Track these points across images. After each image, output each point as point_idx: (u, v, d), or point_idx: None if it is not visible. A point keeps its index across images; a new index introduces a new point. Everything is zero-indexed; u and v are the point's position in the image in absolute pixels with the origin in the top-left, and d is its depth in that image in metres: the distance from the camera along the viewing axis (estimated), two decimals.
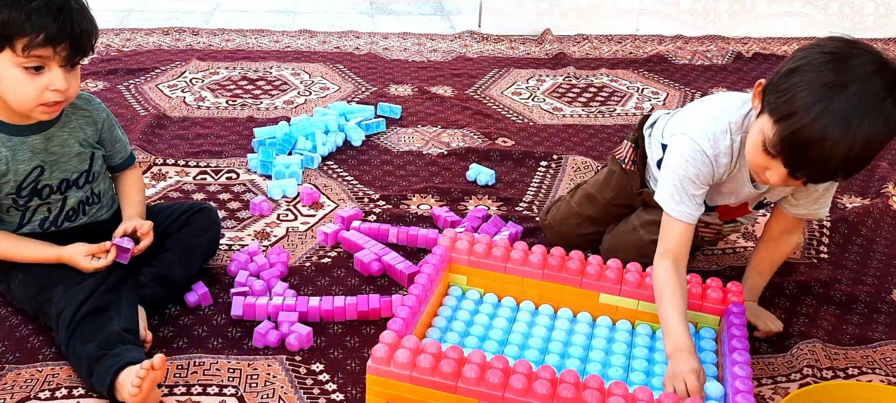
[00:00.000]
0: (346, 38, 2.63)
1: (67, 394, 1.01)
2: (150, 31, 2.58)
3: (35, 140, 1.08)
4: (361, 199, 1.56)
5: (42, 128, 1.09)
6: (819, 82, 0.88)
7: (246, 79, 2.20)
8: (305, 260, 1.35)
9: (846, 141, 0.87)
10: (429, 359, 0.94)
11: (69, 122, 1.12)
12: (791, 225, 1.18)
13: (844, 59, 0.90)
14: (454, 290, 1.21)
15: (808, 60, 0.92)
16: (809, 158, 0.90)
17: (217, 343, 1.12)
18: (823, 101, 0.87)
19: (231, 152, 1.74)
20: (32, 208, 1.11)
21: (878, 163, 1.81)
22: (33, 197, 1.10)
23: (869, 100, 0.87)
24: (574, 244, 1.34)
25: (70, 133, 1.11)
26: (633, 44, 2.73)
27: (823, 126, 0.87)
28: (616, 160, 1.34)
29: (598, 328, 1.15)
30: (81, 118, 1.13)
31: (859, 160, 0.90)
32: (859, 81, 0.88)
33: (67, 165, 1.11)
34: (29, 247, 1.10)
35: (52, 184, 1.10)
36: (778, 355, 1.15)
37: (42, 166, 1.09)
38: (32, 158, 1.08)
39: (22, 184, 1.08)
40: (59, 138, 1.10)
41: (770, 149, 0.93)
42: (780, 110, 0.91)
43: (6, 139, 1.06)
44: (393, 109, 1.98)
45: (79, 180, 1.13)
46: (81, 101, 1.14)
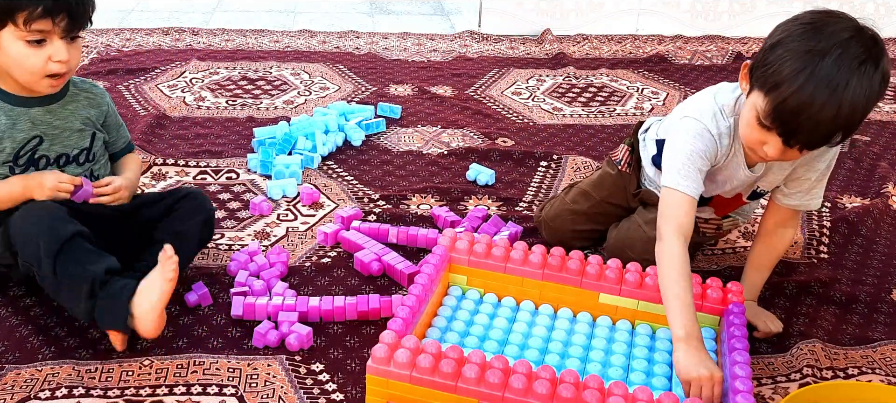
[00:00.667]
0: (346, 38, 2.64)
1: (67, 394, 1.01)
2: (150, 30, 2.58)
3: (37, 111, 1.11)
4: (361, 199, 1.56)
5: (45, 102, 1.12)
6: (801, 50, 0.93)
7: (246, 79, 2.20)
8: (305, 259, 1.35)
9: (834, 102, 0.91)
10: (429, 359, 0.94)
11: (73, 100, 1.15)
12: (785, 217, 1.19)
13: (822, 26, 0.95)
14: (454, 290, 1.21)
15: (789, 32, 0.97)
16: (801, 124, 0.94)
17: (217, 343, 1.12)
18: (808, 68, 0.92)
19: (231, 152, 1.74)
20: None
21: (878, 163, 1.81)
22: (29, 166, 1.12)
23: (850, 62, 0.92)
24: (568, 239, 1.37)
25: (73, 110, 1.15)
26: (633, 44, 2.73)
27: (811, 91, 0.92)
28: (612, 162, 1.36)
29: (598, 328, 1.15)
30: (85, 99, 1.17)
31: (848, 120, 0.94)
32: (839, 46, 0.92)
33: (68, 140, 1.14)
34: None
35: (49, 156, 1.13)
36: (778, 355, 1.15)
37: (41, 136, 1.12)
38: (32, 128, 1.11)
39: (19, 152, 1.10)
40: (62, 113, 1.14)
41: (764, 120, 0.97)
42: (769, 82, 0.96)
43: (8, 108, 1.10)
44: (393, 109, 1.98)
45: (79, 157, 1.15)
46: (86, 85, 1.19)
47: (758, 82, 0.98)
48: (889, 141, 1.98)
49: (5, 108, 1.10)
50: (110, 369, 1.06)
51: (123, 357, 1.08)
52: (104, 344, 1.10)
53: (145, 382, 1.04)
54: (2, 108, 1.10)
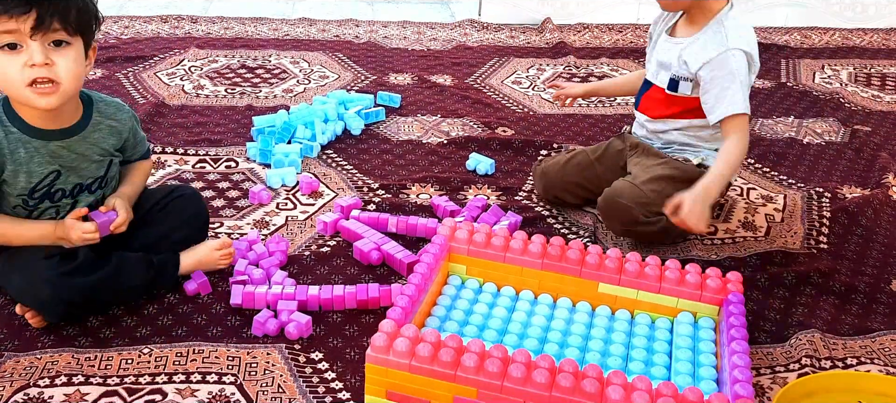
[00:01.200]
0: (346, 27, 2.62)
1: (67, 382, 1.01)
2: (149, 18, 2.57)
3: (56, 146, 1.07)
4: (361, 188, 1.56)
5: (65, 135, 1.07)
6: None
7: (245, 68, 2.19)
8: (305, 248, 1.35)
9: None
10: (428, 348, 0.94)
11: (94, 132, 1.10)
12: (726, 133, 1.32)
13: None
14: (453, 279, 1.21)
15: None
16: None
17: (216, 332, 1.12)
18: None
19: (230, 141, 1.73)
20: (41, 210, 1.10)
21: (878, 154, 1.80)
22: (44, 200, 1.09)
23: None
24: (556, 190, 1.49)
25: (93, 143, 1.10)
26: (634, 33, 2.72)
27: None
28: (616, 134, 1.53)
29: (597, 317, 1.15)
30: (107, 127, 1.12)
31: None
32: None
33: (85, 171, 1.11)
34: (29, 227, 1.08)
35: (65, 189, 1.09)
36: (777, 345, 1.15)
37: (59, 170, 1.07)
38: (51, 162, 1.07)
39: (36, 187, 1.07)
40: (81, 147, 1.09)
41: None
42: None
43: (27, 141, 1.05)
44: (392, 98, 1.98)
45: (92, 185, 1.12)
46: (111, 109, 1.13)
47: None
48: (890, 131, 1.97)
49: (24, 140, 1.04)
50: (109, 357, 1.06)
51: (123, 346, 1.08)
52: (104, 332, 1.10)
53: (145, 370, 1.04)
54: (20, 140, 1.04)
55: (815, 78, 2.34)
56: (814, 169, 1.74)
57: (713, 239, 1.44)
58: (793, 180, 1.68)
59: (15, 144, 1.04)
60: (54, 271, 1.05)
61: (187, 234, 1.22)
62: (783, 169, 1.73)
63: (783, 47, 2.61)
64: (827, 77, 2.36)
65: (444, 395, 0.95)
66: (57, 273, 1.05)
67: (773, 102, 2.14)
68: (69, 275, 1.06)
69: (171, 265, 1.17)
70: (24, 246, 1.08)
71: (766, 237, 1.46)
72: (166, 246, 1.18)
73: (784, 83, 2.29)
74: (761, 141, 1.87)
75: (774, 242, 1.44)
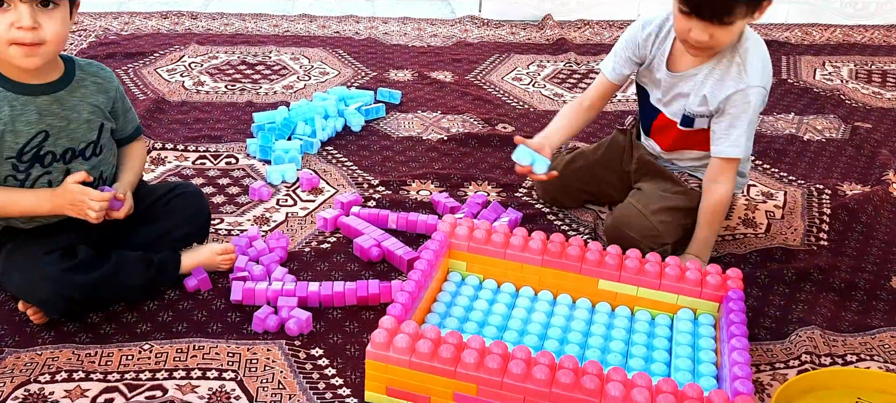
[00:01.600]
0: (346, 23, 2.62)
1: (67, 378, 1.01)
2: (149, 14, 2.57)
3: (44, 101, 1.04)
4: (361, 185, 1.56)
5: (51, 89, 1.05)
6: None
7: (245, 64, 2.19)
8: (305, 245, 1.35)
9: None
10: (428, 345, 0.94)
11: (80, 87, 1.08)
12: (715, 171, 1.27)
13: None
14: (453, 276, 1.21)
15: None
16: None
17: (216, 328, 1.12)
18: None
19: (230, 137, 1.73)
20: (33, 177, 1.07)
21: (879, 151, 1.80)
22: (35, 163, 1.06)
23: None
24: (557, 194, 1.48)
25: (81, 97, 1.08)
26: None
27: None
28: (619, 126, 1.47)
29: (598, 314, 1.15)
30: (93, 84, 1.10)
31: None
32: None
33: (75, 132, 1.08)
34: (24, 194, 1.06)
35: (55, 151, 1.07)
36: (776, 341, 1.15)
37: (47, 131, 1.05)
38: (39, 121, 1.04)
39: (24, 148, 1.04)
40: (70, 102, 1.07)
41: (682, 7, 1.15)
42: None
43: (12, 97, 1.03)
44: (392, 95, 1.98)
45: (85, 151, 1.10)
46: (94, 68, 1.12)
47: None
48: (890, 128, 1.97)
49: (9, 97, 1.02)
50: (110, 353, 1.06)
51: (123, 342, 1.08)
52: (104, 329, 1.10)
53: (145, 366, 1.04)
54: (5, 98, 1.02)
55: (816, 74, 2.34)
56: (814, 165, 1.74)
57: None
58: (793, 177, 1.68)
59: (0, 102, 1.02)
60: (55, 267, 1.05)
61: (189, 232, 1.22)
62: (783, 165, 1.73)
63: (784, 44, 2.60)
64: (828, 74, 2.35)
65: (444, 391, 0.95)
66: (58, 269, 1.05)
67: (774, 99, 2.13)
68: (69, 272, 1.06)
69: (172, 265, 1.17)
70: (24, 243, 1.08)
71: (767, 234, 1.46)
72: (167, 244, 1.18)
73: (785, 80, 2.29)
74: (762, 137, 1.87)
75: (775, 239, 1.44)
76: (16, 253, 1.08)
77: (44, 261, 1.05)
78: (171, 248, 1.18)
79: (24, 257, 1.07)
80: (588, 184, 1.46)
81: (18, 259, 1.07)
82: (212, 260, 1.21)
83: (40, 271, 1.05)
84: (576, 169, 1.45)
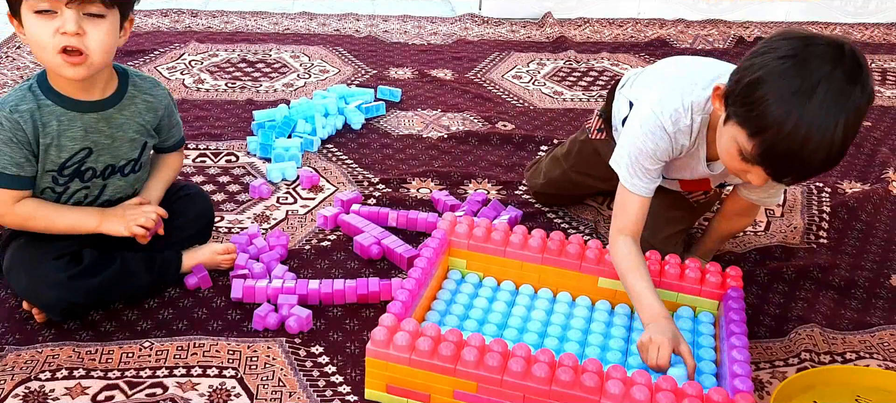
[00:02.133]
0: (346, 21, 2.62)
1: (68, 375, 1.01)
2: (149, 12, 2.57)
3: (91, 118, 1.05)
4: (361, 183, 1.56)
5: (100, 108, 1.06)
6: (787, 92, 0.88)
7: (245, 62, 2.19)
8: (305, 243, 1.35)
9: (826, 143, 0.88)
10: (428, 342, 0.94)
11: (130, 105, 1.09)
12: (745, 208, 1.23)
13: (804, 60, 0.89)
14: (453, 274, 1.21)
15: (769, 69, 0.91)
16: (791, 166, 0.92)
17: (216, 326, 1.12)
18: (796, 111, 0.88)
19: (230, 135, 1.73)
20: (71, 191, 1.08)
21: (879, 149, 1.80)
22: (74, 178, 1.07)
23: (837, 98, 0.88)
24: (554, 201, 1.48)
25: (129, 117, 1.09)
26: (635, 27, 2.71)
27: (802, 135, 0.88)
28: (584, 130, 1.38)
29: (597, 312, 1.16)
30: (143, 102, 1.11)
31: (839, 154, 0.91)
32: (825, 81, 0.88)
33: (118, 151, 1.09)
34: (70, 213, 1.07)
35: (96, 168, 1.08)
36: (776, 339, 1.16)
37: (91, 148, 1.06)
38: (84, 138, 1.05)
39: (66, 163, 1.05)
40: (117, 121, 1.07)
41: (750, 159, 0.94)
42: (754, 125, 0.91)
43: (61, 112, 1.03)
44: (393, 93, 1.98)
45: (124, 168, 1.11)
46: (148, 84, 1.12)
47: (738, 118, 0.93)
48: (890, 126, 1.97)
49: (57, 112, 1.03)
50: (110, 351, 1.06)
51: (123, 340, 1.08)
52: (105, 326, 1.10)
53: (145, 364, 1.04)
54: (53, 112, 1.03)
55: None
56: None
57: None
58: None
59: (48, 117, 1.03)
60: (62, 273, 1.05)
61: (192, 233, 1.23)
62: None
63: None
64: None
65: (444, 389, 0.95)
66: (65, 276, 1.05)
67: None
68: (76, 278, 1.06)
69: (174, 265, 1.18)
70: (32, 244, 1.08)
71: (766, 232, 1.46)
72: (171, 245, 1.18)
73: None
74: None
75: (774, 237, 1.44)
76: (24, 254, 1.08)
77: (52, 267, 1.05)
78: (173, 248, 1.18)
79: (32, 260, 1.07)
80: (575, 189, 1.44)
81: (27, 261, 1.07)
82: (212, 259, 1.21)
83: (48, 277, 1.05)
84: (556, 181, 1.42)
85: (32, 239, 1.09)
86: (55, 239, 1.09)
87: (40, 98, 1.03)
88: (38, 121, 1.02)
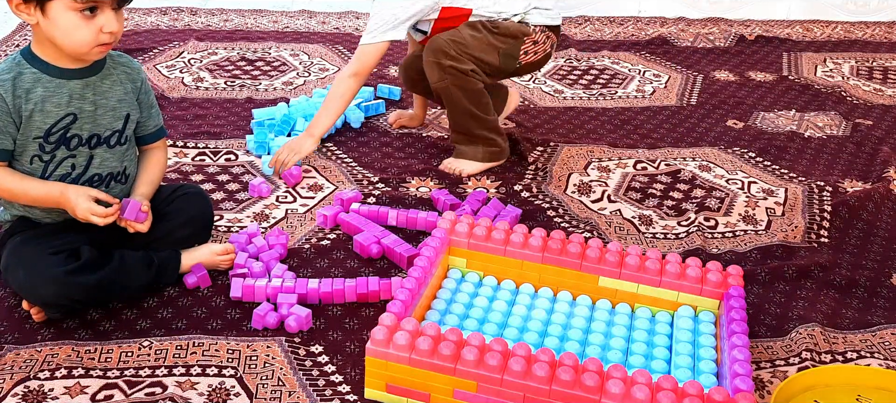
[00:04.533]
0: (346, 19, 2.61)
1: (67, 374, 1.01)
2: (148, 10, 2.56)
3: (76, 84, 1.07)
4: (361, 181, 1.55)
5: (84, 74, 1.08)
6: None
7: (244, 60, 2.18)
8: (305, 242, 1.35)
9: None
10: (428, 342, 0.94)
11: (111, 74, 1.12)
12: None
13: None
14: (453, 273, 1.21)
15: None
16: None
17: (216, 325, 1.12)
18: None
19: (230, 133, 1.73)
20: (57, 159, 1.08)
21: (880, 148, 1.80)
22: (61, 145, 1.08)
23: None
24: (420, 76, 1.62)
25: (111, 84, 1.11)
26: (635, 26, 2.71)
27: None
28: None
29: (598, 311, 1.15)
30: (123, 73, 1.14)
31: None
32: None
33: (102, 119, 1.10)
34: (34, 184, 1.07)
35: (81, 135, 1.09)
36: (777, 339, 1.15)
37: (75, 114, 1.08)
38: (68, 104, 1.07)
39: (51, 129, 1.07)
40: (100, 88, 1.10)
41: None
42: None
43: (47, 79, 1.06)
44: (392, 91, 1.97)
45: (110, 139, 1.12)
46: (123, 59, 1.16)
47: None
48: (891, 125, 1.97)
49: (43, 80, 1.05)
50: (109, 350, 1.06)
51: (122, 339, 1.08)
52: (104, 325, 1.10)
53: (145, 363, 1.04)
54: (39, 80, 1.05)
55: (817, 71, 2.34)
56: (815, 162, 1.74)
57: (713, 233, 1.44)
58: (794, 174, 1.68)
59: (33, 83, 1.05)
60: (60, 269, 1.05)
61: (191, 233, 1.22)
62: (784, 162, 1.73)
63: (785, 40, 2.60)
64: (829, 70, 2.35)
65: (444, 388, 0.95)
66: (63, 271, 1.05)
67: (775, 96, 2.13)
68: (74, 274, 1.06)
69: (173, 264, 1.17)
70: (31, 240, 1.08)
71: (767, 231, 1.45)
72: (169, 244, 1.18)
73: (786, 76, 2.28)
74: (762, 134, 1.87)
75: (775, 236, 1.44)
76: (21, 251, 1.08)
77: (50, 262, 1.05)
78: (173, 248, 1.18)
79: (30, 256, 1.07)
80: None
81: (25, 257, 1.07)
82: (211, 259, 1.21)
83: (46, 272, 1.05)
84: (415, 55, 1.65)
85: (30, 236, 1.09)
86: (53, 236, 1.09)
87: (25, 67, 1.06)
88: (19, 89, 1.04)
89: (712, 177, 1.64)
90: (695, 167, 1.68)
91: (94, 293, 1.08)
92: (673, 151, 1.76)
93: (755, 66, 2.36)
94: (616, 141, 1.80)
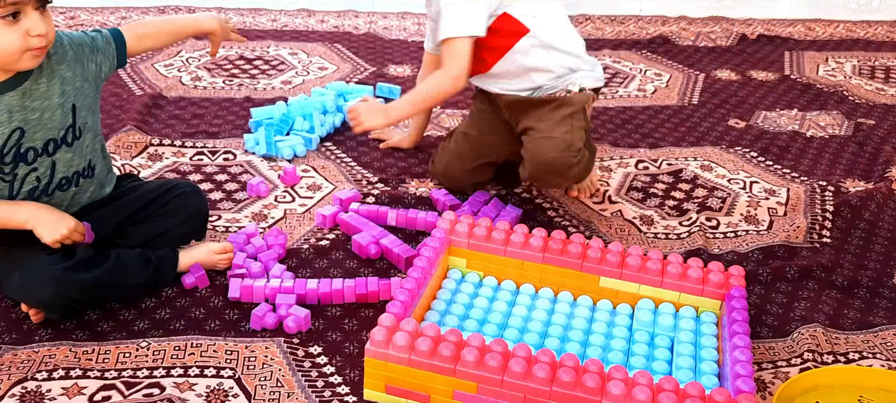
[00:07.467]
0: (345, 17, 2.61)
1: (64, 375, 1.00)
2: (146, 9, 2.56)
3: (11, 98, 1.01)
4: (360, 181, 1.55)
5: (14, 85, 1.02)
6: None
7: (243, 59, 2.17)
8: (303, 242, 1.34)
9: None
10: (427, 343, 0.93)
11: (43, 71, 1.04)
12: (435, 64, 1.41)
13: None
14: (453, 273, 1.20)
15: None
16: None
17: (214, 325, 1.11)
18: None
19: (228, 133, 1.72)
20: (20, 177, 1.05)
21: (882, 148, 1.79)
22: (18, 162, 1.04)
23: None
24: (465, 183, 1.49)
25: (47, 82, 1.04)
26: (636, 24, 2.70)
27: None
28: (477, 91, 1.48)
29: (599, 312, 1.15)
30: (53, 63, 1.05)
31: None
32: None
33: (50, 122, 1.04)
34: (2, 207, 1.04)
35: (36, 147, 1.05)
36: (779, 339, 1.15)
37: (21, 128, 1.03)
38: (10, 120, 1.01)
39: (2, 150, 1.03)
40: (38, 91, 1.03)
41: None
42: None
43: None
44: (392, 90, 1.96)
45: (66, 137, 1.07)
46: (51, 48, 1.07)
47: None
48: (894, 125, 1.96)
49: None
50: (107, 351, 1.05)
51: (120, 339, 1.07)
52: (101, 326, 1.09)
53: (142, 364, 1.03)
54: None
55: (819, 70, 2.33)
56: (817, 162, 1.73)
57: (715, 233, 1.43)
58: (796, 173, 1.67)
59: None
60: (56, 267, 1.04)
61: (187, 231, 1.22)
62: (786, 162, 1.72)
63: (787, 39, 2.59)
64: (831, 69, 2.34)
65: (444, 390, 0.94)
66: (59, 268, 1.04)
67: (777, 95, 2.12)
68: (70, 271, 1.05)
69: (170, 263, 1.17)
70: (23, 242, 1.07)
71: (769, 231, 1.45)
72: (166, 243, 1.18)
73: (788, 75, 2.28)
74: (764, 134, 1.86)
75: (777, 236, 1.43)
76: (15, 253, 1.07)
77: (45, 261, 1.04)
78: (169, 247, 1.18)
79: (24, 257, 1.06)
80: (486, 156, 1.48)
81: (18, 258, 1.06)
82: (209, 258, 1.20)
83: (42, 271, 1.04)
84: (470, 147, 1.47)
85: (20, 240, 1.07)
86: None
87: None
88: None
89: (714, 177, 1.64)
90: (696, 167, 1.68)
91: (92, 291, 1.07)
92: (674, 151, 1.75)
93: (757, 66, 2.35)
94: (617, 140, 1.79)
